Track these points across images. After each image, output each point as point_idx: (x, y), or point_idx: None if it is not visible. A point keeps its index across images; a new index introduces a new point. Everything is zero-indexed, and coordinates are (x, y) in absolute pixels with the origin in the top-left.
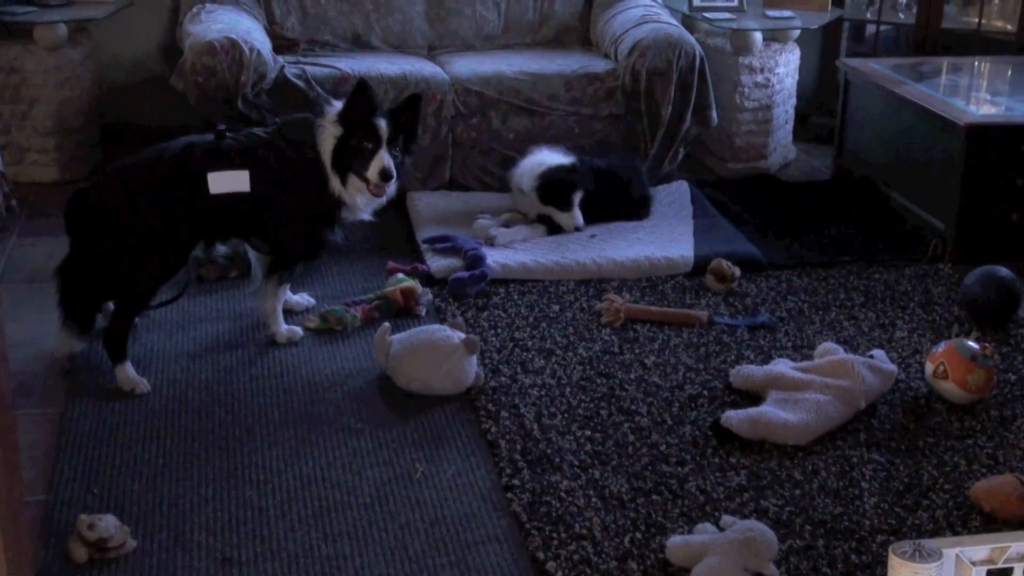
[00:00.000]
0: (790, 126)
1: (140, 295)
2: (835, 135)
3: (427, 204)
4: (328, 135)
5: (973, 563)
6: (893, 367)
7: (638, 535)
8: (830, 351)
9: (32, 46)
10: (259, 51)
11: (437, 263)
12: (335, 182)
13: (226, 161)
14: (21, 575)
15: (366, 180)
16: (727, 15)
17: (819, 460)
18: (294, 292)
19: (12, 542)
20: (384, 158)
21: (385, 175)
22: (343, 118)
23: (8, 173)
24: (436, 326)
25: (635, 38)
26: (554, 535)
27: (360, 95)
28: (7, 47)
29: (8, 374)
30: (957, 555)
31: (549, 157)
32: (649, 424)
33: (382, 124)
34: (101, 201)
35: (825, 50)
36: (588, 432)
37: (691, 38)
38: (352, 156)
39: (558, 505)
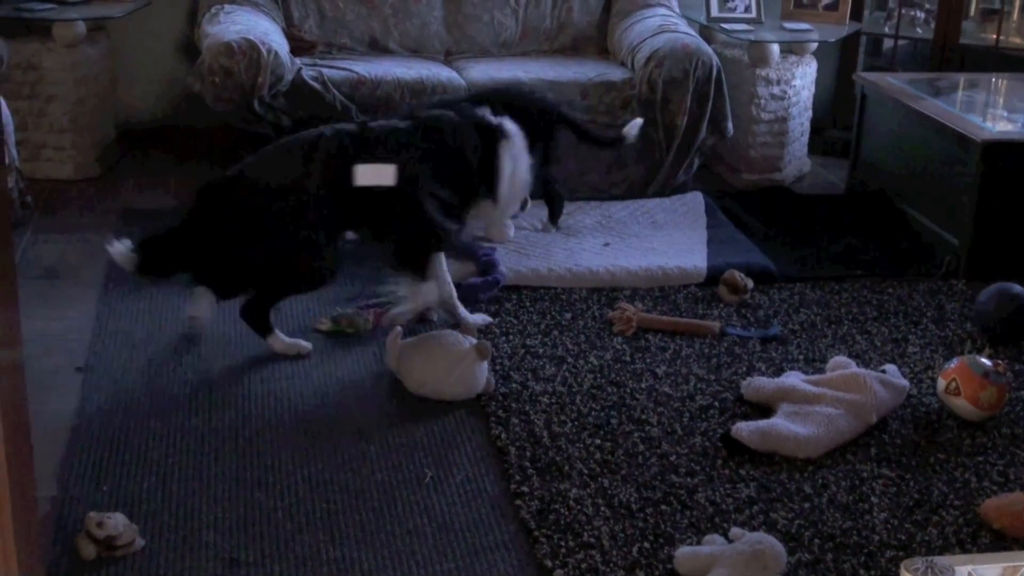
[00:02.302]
0: (806, 139)
1: (282, 285)
2: (850, 149)
3: None
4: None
5: None
6: (905, 382)
7: (646, 545)
8: (842, 365)
9: (50, 43)
10: (276, 53)
11: (450, 268)
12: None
13: (373, 153)
14: (32, 571)
15: None
16: (745, 26)
17: (829, 474)
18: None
19: (24, 538)
20: None
21: None
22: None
23: (24, 169)
24: (448, 331)
25: (652, 47)
26: (562, 543)
27: None
28: (26, 44)
29: (23, 371)
30: (969, 573)
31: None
32: (659, 434)
33: None
34: (247, 190)
35: (842, 63)
36: (598, 441)
37: (708, 49)
38: None
39: (567, 513)
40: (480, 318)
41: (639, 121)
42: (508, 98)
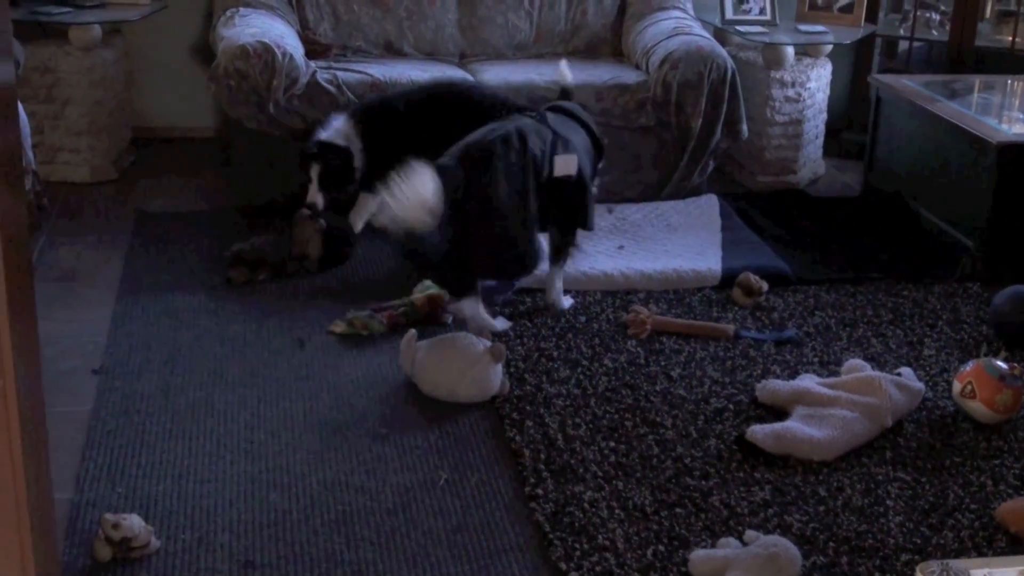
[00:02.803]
0: (820, 141)
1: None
2: (865, 151)
3: None
4: None
5: None
6: (920, 385)
7: (661, 548)
8: (857, 368)
9: (67, 46)
10: (291, 56)
11: None
12: None
13: (562, 144)
14: (49, 573)
15: None
16: (759, 29)
17: (844, 477)
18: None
19: (41, 540)
20: None
21: None
22: None
23: (40, 172)
24: (462, 333)
25: (667, 50)
26: (577, 546)
27: None
28: (42, 47)
29: (40, 373)
30: None
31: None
32: (674, 437)
33: None
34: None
35: (857, 66)
36: (612, 443)
37: (723, 51)
38: None
39: (581, 516)
40: (501, 323)
41: (564, 63)
42: (461, 91)
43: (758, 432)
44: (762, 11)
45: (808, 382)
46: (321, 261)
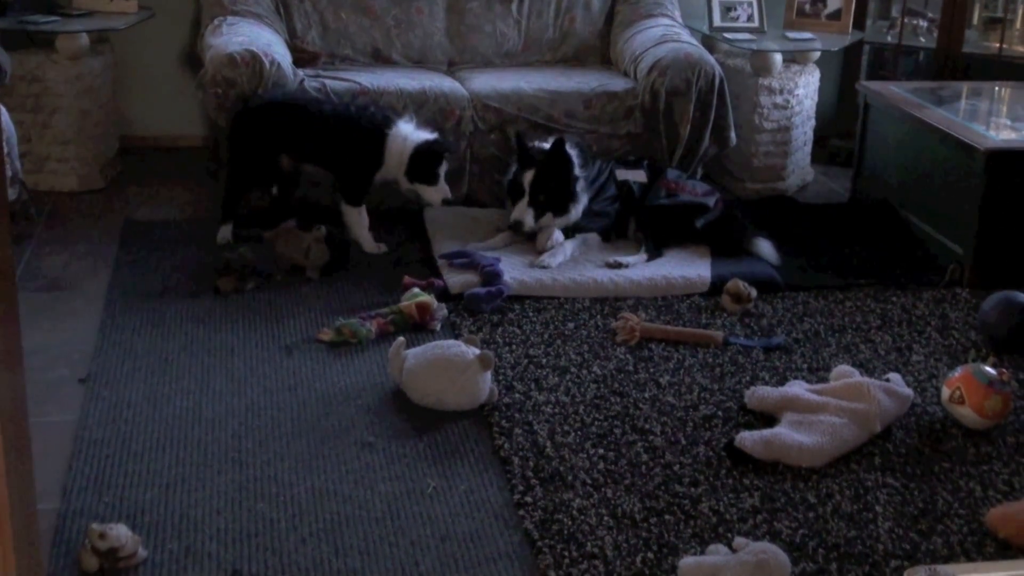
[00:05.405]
0: (808, 148)
1: None
2: (854, 158)
3: (444, 219)
4: None
5: None
6: (909, 391)
7: (650, 555)
8: (846, 374)
9: (54, 55)
10: (279, 64)
11: (453, 278)
12: None
13: None
14: None
15: None
16: (747, 36)
17: (833, 483)
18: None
19: (25, 551)
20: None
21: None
22: None
23: (28, 181)
24: (451, 341)
25: (655, 57)
26: (565, 553)
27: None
28: (29, 56)
29: (24, 382)
30: None
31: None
32: (663, 444)
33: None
34: None
35: (845, 73)
36: (601, 451)
37: (711, 58)
38: None
39: (570, 523)
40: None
41: None
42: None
43: (747, 439)
44: (750, 18)
45: (797, 388)
46: (325, 268)
